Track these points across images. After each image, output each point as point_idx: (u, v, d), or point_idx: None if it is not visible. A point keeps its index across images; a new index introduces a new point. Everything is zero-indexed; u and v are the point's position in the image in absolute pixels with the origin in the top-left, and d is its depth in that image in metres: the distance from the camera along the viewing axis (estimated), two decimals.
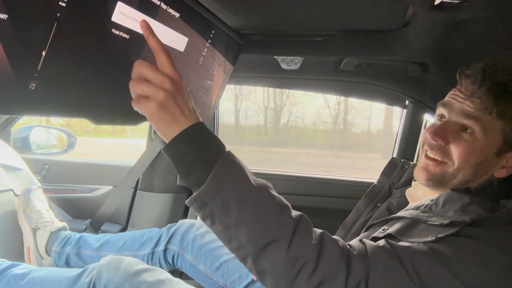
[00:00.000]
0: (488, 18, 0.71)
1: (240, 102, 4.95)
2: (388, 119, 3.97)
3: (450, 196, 0.63)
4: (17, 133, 1.63)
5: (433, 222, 0.58)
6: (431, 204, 0.65)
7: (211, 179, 0.51)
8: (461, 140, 0.63)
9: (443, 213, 0.61)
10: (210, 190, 0.51)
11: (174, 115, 0.53)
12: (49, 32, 0.48)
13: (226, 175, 0.52)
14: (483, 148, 0.62)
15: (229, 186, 0.51)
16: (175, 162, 0.54)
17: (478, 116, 0.62)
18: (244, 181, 0.52)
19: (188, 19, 0.79)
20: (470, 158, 0.62)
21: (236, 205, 0.51)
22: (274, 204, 0.53)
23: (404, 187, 0.83)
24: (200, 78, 0.99)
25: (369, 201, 0.87)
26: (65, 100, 0.58)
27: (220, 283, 1.04)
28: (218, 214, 0.52)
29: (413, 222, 0.61)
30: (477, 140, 0.62)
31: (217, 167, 0.52)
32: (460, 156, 0.63)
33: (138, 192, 1.57)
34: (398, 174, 0.88)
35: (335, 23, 0.97)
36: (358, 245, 0.55)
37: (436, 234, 0.55)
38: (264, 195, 0.53)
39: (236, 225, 0.51)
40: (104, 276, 0.83)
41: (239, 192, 0.52)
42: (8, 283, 0.91)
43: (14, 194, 1.26)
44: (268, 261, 0.51)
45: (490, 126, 0.61)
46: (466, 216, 0.57)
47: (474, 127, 0.62)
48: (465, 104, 0.63)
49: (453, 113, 0.65)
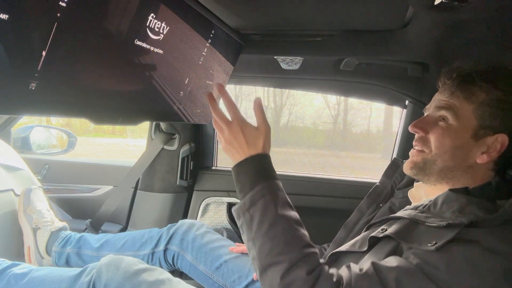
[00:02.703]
0: (488, 18, 0.72)
1: (240, 102, 4.96)
2: (388, 119, 3.97)
3: (448, 197, 0.63)
4: (17, 133, 1.63)
5: (431, 224, 0.59)
6: (429, 204, 0.65)
7: (249, 197, 0.63)
8: (437, 127, 0.68)
9: (441, 213, 0.62)
10: (245, 205, 0.64)
11: (236, 149, 0.69)
12: (49, 32, 0.48)
13: (259, 197, 0.62)
14: (457, 131, 0.66)
15: (258, 206, 0.62)
16: (235, 181, 0.68)
17: (448, 104, 0.67)
18: (270, 207, 0.62)
19: (188, 19, 0.79)
20: (445, 143, 0.67)
21: (257, 223, 0.61)
22: (287, 234, 0.60)
23: (406, 188, 0.83)
24: (200, 78, 0.99)
25: (371, 202, 0.88)
26: (65, 100, 0.58)
27: (220, 283, 1.04)
28: (245, 226, 0.63)
29: (412, 223, 0.62)
30: (451, 126, 0.66)
31: (256, 189, 0.63)
32: (435, 141, 0.67)
33: (138, 192, 1.57)
34: (400, 174, 0.89)
35: (335, 23, 0.97)
36: (346, 274, 0.57)
37: (436, 240, 0.55)
38: (282, 224, 0.61)
39: (253, 240, 0.61)
40: (104, 275, 0.83)
41: (263, 214, 0.61)
42: (8, 282, 0.91)
43: (15, 194, 1.26)
44: (267, 280, 0.58)
45: (460, 111, 0.66)
46: (464, 217, 0.57)
47: (446, 114, 0.67)
48: (439, 97, 0.70)
49: (431, 108, 0.72)
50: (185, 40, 0.82)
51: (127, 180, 1.49)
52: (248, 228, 0.62)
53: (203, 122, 1.16)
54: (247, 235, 0.63)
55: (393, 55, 1.07)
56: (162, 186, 1.55)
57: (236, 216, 0.67)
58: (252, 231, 0.62)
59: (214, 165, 1.69)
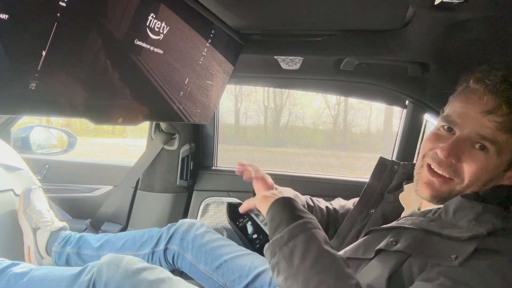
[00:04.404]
0: (488, 18, 0.71)
1: (240, 102, 4.95)
2: (388, 119, 3.97)
3: (461, 204, 0.59)
4: (17, 133, 1.63)
5: (448, 234, 0.55)
6: (440, 212, 0.61)
7: (286, 231, 0.61)
8: (475, 159, 0.59)
9: (455, 222, 0.57)
10: (283, 240, 0.61)
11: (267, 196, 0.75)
12: (49, 32, 0.48)
13: (300, 231, 0.61)
14: (496, 167, 0.59)
15: (299, 239, 0.60)
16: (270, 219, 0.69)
17: (495, 137, 0.57)
18: (313, 240, 0.60)
19: (188, 19, 0.79)
20: (482, 177, 0.60)
21: (299, 256, 0.58)
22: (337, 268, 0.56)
23: (396, 191, 0.80)
24: (200, 78, 0.99)
25: (361, 208, 0.83)
26: (65, 100, 0.58)
27: (220, 282, 1.04)
28: (282, 263, 0.59)
29: (424, 234, 0.57)
30: (491, 159, 0.58)
31: (296, 223, 0.62)
32: (472, 175, 0.60)
33: (138, 192, 1.57)
34: (388, 176, 0.84)
35: (335, 23, 0.97)
36: None
37: (456, 254, 0.52)
38: (330, 257, 0.58)
39: (294, 276, 0.57)
40: (105, 274, 0.83)
41: (306, 247, 0.59)
42: (8, 281, 0.90)
43: (15, 194, 1.26)
44: None
45: (505, 146, 0.58)
46: (482, 227, 0.54)
47: (488, 147, 0.58)
48: (485, 120, 0.58)
49: (468, 128, 0.60)
50: (185, 40, 0.82)
51: (127, 180, 1.49)
52: (288, 263, 0.58)
53: (203, 122, 1.16)
54: (285, 272, 0.58)
55: (393, 55, 1.07)
56: (162, 186, 1.55)
57: (269, 254, 0.63)
58: (293, 266, 0.57)
59: (214, 165, 1.69)
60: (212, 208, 1.59)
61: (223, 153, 1.72)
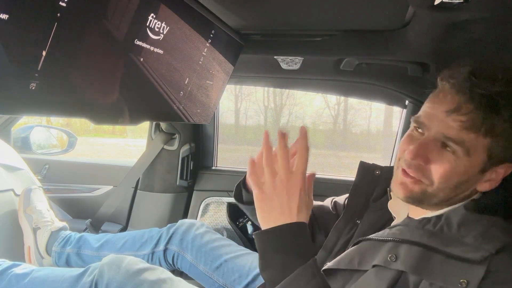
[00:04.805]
0: (488, 18, 0.71)
1: (240, 102, 4.95)
2: (388, 119, 3.97)
3: (465, 217, 0.56)
4: (17, 133, 1.63)
5: (456, 255, 0.51)
6: (441, 224, 0.57)
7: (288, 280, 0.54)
8: (443, 160, 0.56)
9: (460, 238, 0.53)
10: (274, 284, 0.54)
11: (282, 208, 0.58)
12: (49, 32, 0.48)
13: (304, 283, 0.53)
14: (466, 167, 0.56)
15: None
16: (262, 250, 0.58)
17: (460, 137, 0.54)
18: None
19: (188, 19, 0.79)
20: (451, 179, 0.57)
21: None
22: None
23: (382, 198, 0.76)
24: (200, 78, 0.99)
25: (347, 219, 0.78)
26: (65, 100, 0.58)
27: (220, 282, 1.04)
28: None
29: (426, 251, 0.53)
30: (460, 160, 0.55)
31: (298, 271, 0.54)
32: (440, 177, 0.57)
33: (138, 192, 1.57)
34: (371, 181, 0.80)
35: (335, 23, 0.97)
36: None
37: (466, 278, 0.48)
38: None
39: None
40: (106, 275, 0.83)
41: None
42: (9, 282, 0.91)
43: (15, 194, 1.26)
44: None
45: (474, 146, 0.55)
46: (489, 244, 0.50)
47: (456, 149, 0.55)
48: (449, 119, 0.56)
49: (434, 128, 0.57)
50: (185, 40, 0.82)
51: (127, 180, 1.49)
52: None
53: (203, 122, 1.16)
54: None
55: (393, 55, 1.07)
56: (162, 186, 1.55)
57: None
58: None
59: (214, 165, 1.69)
60: (212, 208, 1.59)
61: (223, 153, 1.72)
